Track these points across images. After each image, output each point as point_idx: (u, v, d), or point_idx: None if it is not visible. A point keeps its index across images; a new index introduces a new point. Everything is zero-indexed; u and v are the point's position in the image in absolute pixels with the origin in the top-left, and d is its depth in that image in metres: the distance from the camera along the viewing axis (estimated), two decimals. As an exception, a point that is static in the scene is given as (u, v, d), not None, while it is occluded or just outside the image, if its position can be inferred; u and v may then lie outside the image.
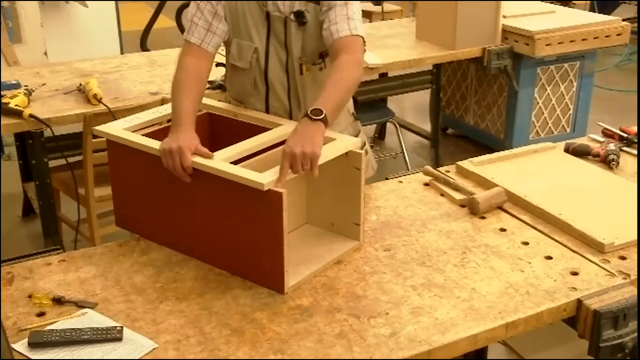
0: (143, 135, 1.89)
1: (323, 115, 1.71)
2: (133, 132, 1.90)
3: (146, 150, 1.80)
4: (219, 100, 2.25)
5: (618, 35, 4.23)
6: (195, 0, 2.02)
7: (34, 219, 3.82)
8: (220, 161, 1.71)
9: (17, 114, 2.81)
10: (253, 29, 2.02)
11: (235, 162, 1.74)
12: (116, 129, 1.89)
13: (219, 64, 2.34)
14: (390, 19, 5.35)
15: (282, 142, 1.88)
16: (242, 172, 1.64)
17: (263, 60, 2.04)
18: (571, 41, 4.08)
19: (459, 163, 2.30)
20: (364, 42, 1.99)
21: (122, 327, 1.53)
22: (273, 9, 1.99)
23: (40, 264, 1.79)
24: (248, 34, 2.03)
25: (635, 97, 5.46)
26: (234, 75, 2.13)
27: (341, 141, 1.83)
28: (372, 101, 4.26)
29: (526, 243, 1.89)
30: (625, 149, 2.43)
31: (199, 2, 2.01)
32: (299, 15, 1.97)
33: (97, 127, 1.91)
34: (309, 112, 1.72)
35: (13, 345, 1.48)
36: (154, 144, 1.79)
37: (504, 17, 4.10)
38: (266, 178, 1.61)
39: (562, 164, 2.34)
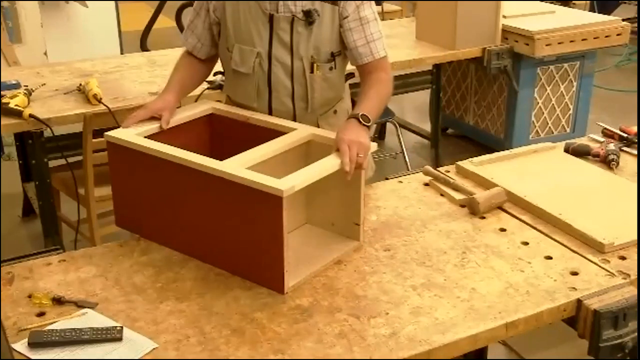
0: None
1: (370, 123, 1.88)
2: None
3: (146, 152, 1.80)
4: (217, 101, 2.26)
5: (618, 35, 4.23)
6: (195, 2, 2.06)
7: (34, 219, 3.81)
8: (236, 166, 1.70)
9: (17, 114, 2.81)
10: (255, 34, 2.02)
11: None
12: (129, 134, 1.88)
13: (217, 73, 2.36)
14: (390, 19, 5.35)
15: (291, 149, 1.88)
16: (259, 178, 1.63)
17: (266, 64, 2.04)
18: (571, 41, 4.08)
19: (459, 163, 2.30)
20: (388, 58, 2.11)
21: (122, 327, 1.53)
22: (283, 9, 1.99)
23: (40, 264, 1.79)
24: (250, 39, 2.03)
25: (635, 97, 5.46)
26: (237, 81, 2.12)
27: None
28: (372, 101, 4.25)
29: (526, 243, 1.89)
30: (625, 149, 2.43)
31: (197, 10, 2.08)
32: (308, 15, 1.98)
33: (107, 133, 1.91)
34: (359, 116, 1.86)
35: (13, 345, 1.48)
36: (154, 145, 1.80)
37: (504, 17, 4.10)
38: (284, 184, 1.60)
39: (562, 164, 2.34)
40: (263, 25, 2.01)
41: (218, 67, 2.23)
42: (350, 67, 2.16)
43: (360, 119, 1.86)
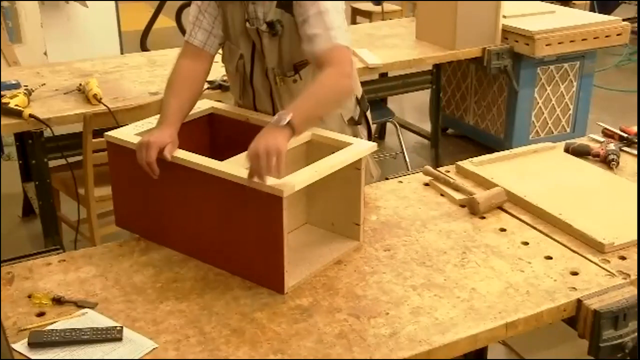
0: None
1: (287, 122, 1.66)
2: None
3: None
4: (217, 100, 2.25)
5: (618, 35, 4.23)
6: (196, 2, 2.03)
7: (34, 219, 3.81)
8: (236, 166, 1.70)
9: (17, 114, 2.81)
10: (239, 36, 2.03)
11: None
12: (129, 134, 1.88)
13: None
14: (390, 19, 5.35)
15: (291, 149, 1.87)
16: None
17: (249, 66, 2.05)
18: (571, 41, 4.08)
19: (459, 163, 2.30)
20: (350, 50, 1.90)
21: (122, 327, 1.53)
22: (253, 16, 1.97)
23: (40, 264, 1.79)
24: (236, 39, 2.04)
25: (635, 97, 5.46)
26: (229, 76, 2.17)
27: (357, 146, 1.83)
28: (372, 101, 4.24)
29: (526, 243, 1.89)
30: (625, 149, 2.43)
31: (200, 5, 2.02)
32: (271, 26, 1.95)
33: (107, 133, 1.91)
34: (274, 120, 1.68)
35: (13, 345, 1.48)
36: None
37: (504, 17, 4.10)
38: (284, 184, 1.60)
39: (562, 164, 2.34)
40: (246, 29, 2.01)
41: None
42: None
43: (276, 123, 1.68)
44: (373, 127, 5.14)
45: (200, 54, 2.02)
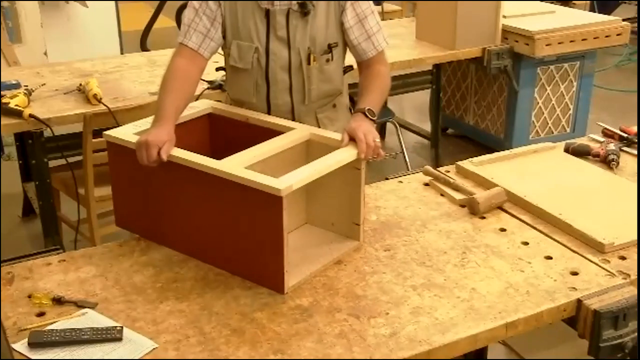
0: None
1: (375, 118, 1.92)
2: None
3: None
4: (217, 101, 2.25)
5: (618, 35, 4.23)
6: (193, 2, 2.03)
7: (34, 219, 3.81)
8: (234, 165, 1.70)
9: (17, 114, 2.81)
10: (253, 29, 2.02)
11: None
12: (128, 134, 1.88)
13: (218, 69, 2.34)
14: (390, 19, 5.35)
15: (290, 148, 1.88)
16: (257, 177, 1.63)
17: (264, 59, 2.04)
18: (571, 41, 4.08)
19: (459, 163, 2.31)
20: None
21: (122, 327, 1.53)
22: (279, 3, 1.99)
23: (40, 264, 1.79)
24: (248, 35, 2.03)
25: (635, 97, 5.46)
26: (235, 77, 2.13)
27: (355, 147, 1.83)
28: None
29: (526, 243, 1.89)
30: (625, 149, 2.43)
31: (197, 7, 2.02)
32: (303, 6, 1.99)
33: (106, 132, 1.91)
34: (365, 111, 1.90)
35: (13, 345, 1.48)
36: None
37: (504, 17, 4.10)
38: (282, 184, 1.60)
39: (562, 164, 2.34)
40: (260, 21, 2.01)
41: (220, 62, 2.21)
42: (348, 61, 2.16)
43: (367, 113, 1.90)
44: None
45: (194, 56, 2.02)
